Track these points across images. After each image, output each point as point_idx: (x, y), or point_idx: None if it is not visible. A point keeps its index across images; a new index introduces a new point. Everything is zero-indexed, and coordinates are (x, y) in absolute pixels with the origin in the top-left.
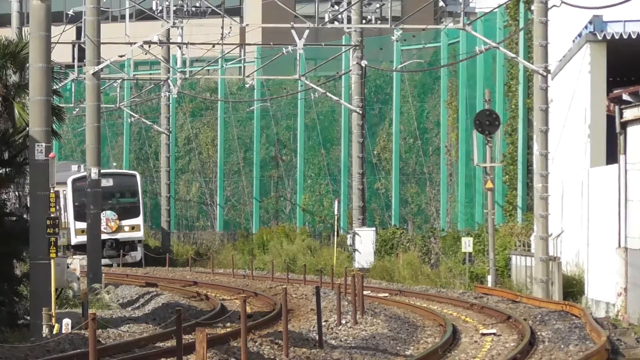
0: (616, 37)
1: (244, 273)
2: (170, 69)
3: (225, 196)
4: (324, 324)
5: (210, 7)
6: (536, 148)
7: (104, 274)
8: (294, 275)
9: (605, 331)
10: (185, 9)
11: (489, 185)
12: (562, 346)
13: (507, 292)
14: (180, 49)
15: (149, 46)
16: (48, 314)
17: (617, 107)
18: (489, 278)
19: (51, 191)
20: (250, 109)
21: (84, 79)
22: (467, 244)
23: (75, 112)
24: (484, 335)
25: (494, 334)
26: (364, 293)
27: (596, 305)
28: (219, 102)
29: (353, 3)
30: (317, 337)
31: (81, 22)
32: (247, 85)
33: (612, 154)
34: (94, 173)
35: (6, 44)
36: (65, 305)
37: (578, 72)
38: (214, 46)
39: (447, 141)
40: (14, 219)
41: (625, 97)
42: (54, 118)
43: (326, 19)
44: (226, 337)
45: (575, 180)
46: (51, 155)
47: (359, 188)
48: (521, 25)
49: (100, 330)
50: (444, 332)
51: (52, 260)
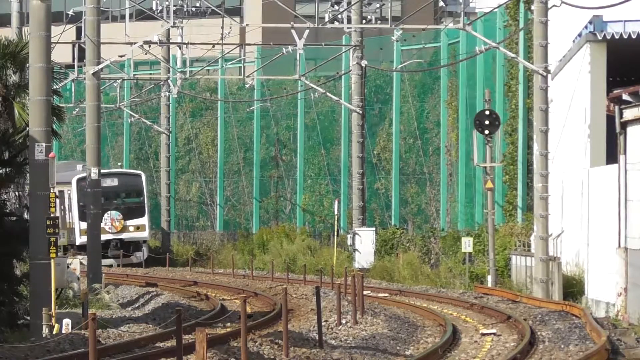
0: (616, 37)
1: (244, 273)
2: (170, 69)
3: (225, 196)
4: (324, 324)
5: (210, 7)
6: (536, 148)
7: (104, 274)
8: (294, 275)
9: (605, 331)
10: (185, 9)
11: (489, 185)
12: (562, 346)
13: (507, 292)
14: (180, 49)
15: (149, 46)
16: (48, 314)
17: (617, 107)
18: (489, 278)
19: (51, 191)
20: (250, 109)
21: (84, 79)
22: (467, 244)
23: (75, 112)
24: (484, 335)
25: (494, 334)
26: (364, 293)
27: (596, 305)
28: (219, 102)
29: (353, 3)
30: (317, 337)
31: (81, 22)
32: (247, 85)
33: (612, 154)
34: (94, 173)
35: (6, 44)
36: (65, 305)
37: (578, 72)
38: (214, 46)
39: (447, 141)
40: (14, 219)
41: (625, 97)
42: (54, 118)
43: (326, 19)
44: (226, 337)
45: (575, 180)
46: (51, 155)
47: (359, 188)
48: (521, 25)
49: (100, 330)
50: (444, 332)
51: (52, 260)
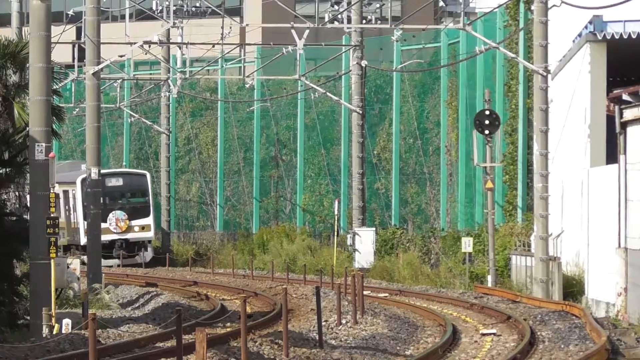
0: (616, 37)
1: (244, 273)
2: (170, 69)
3: (225, 196)
4: (324, 324)
5: (210, 7)
6: (536, 148)
7: (104, 274)
8: (294, 275)
9: (605, 331)
10: (185, 9)
11: (489, 185)
12: (562, 346)
13: (507, 292)
14: (180, 49)
15: (149, 46)
16: (48, 314)
17: (617, 107)
18: (489, 278)
19: (51, 191)
20: (250, 109)
21: (84, 79)
22: (467, 244)
23: (75, 112)
24: (484, 335)
25: (494, 334)
26: (364, 293)
27: (596, 305)
28: (219, 102)
29: (353, 3)
30: (317, 337)
31: (81, 22)
32: (247, 85)
33: (612, 154)
34: (94, 173)
35: (6, 44)
36: (65, 305)
37: (578, 72)
38: (214, 46)
39: (447, 141)
40: (14, 219)
41: (625, 97)
42: (54, 118)
43: (326, 19)
44: (226, 337)
45: (575, 180)
46: (51, 155)
47: (359, 188)
48: (521, 25)
49: (100, 330)
50: (444, 332)
51: (52, 260)
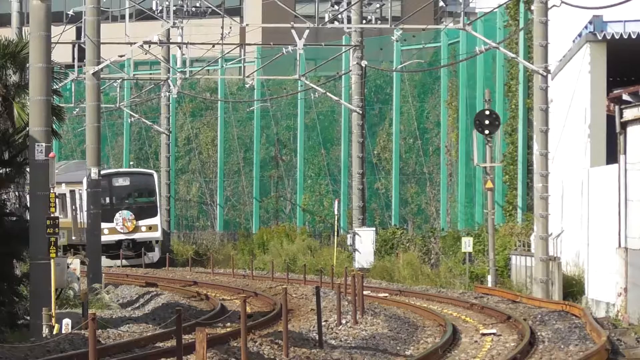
0: (616, 37)
1: (244, 273)
2: (170, 69)
3: (225, 196)
4: (324, 324)
5: (210, 7)
6: (536, 148)
7: (104, 274)
8: (294, 275)
9: (605, 331)
10: (185, 9)
11: (489, 185)
12: (562, 346)
13: (507, 292)
14: (180, 49)
15: (149, 46)
16: (48, 314)
17: (617, 107)
18: (489, 278)
19: (52, 191)
20: (250, 109)
21: (84, 79)
22: (467, 244)
23: (75, 112)
24: (484, 335)
25: (494, 334)
26: (364, 293)
27: (596, 305)
28: (219, 102)
29: (353, 3)
30: (317, 337)
31: (81, 22)
32: (247, 85)
33: (612, 154)
34: (93, 173)
35: (6, 44)
36: (65, 305)
37: (578, 72)
38: (214, 46)
39: (447, 141)
40: (14, 219)
41: (625, 97)
42: (54, 118)
43: (326, 19)
44: (226, 337)
45: (575, 180)
46: (51, 155)
47: (359, 188)
48: (521, 25)
49: (100, 330)
50: (444, 332)
51: (52, 260)
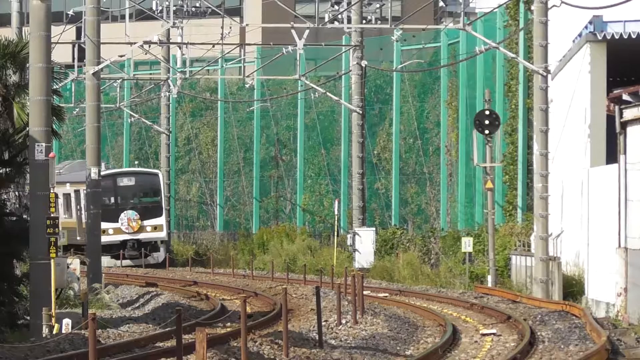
0: (616, 37)
1: (244, 273)
2: (170, 69)
3: (225, 196)
4: (324, 323)
5: (210, 7)
6: (536, 148)
7: (104, 274)
8: (294, 275)
9: (605, 331)
10: (185, 9)
11: (489, 185)
12: (562, 346)
13: (507, 292)
14: (180, 49)
15: (149, 46)
16: (48, 314)
17: (617, 107)
18: (489, 278)
19: (51, 191)
20: (250, 109)
21: (84, 79)
22: (467, 244)
23: (75, 112)
24: (484, 335)
25: (494, 334)
26: (364, 293)
27: (596, 305)
28: (219, 102)
29: (353, 3)
30: (317, 337)
31: (81, 22)
32: (247, 85)
33: (612, 154)
34: (93, 173)
35: (6, 44)
36: (65, 305)
37: (578, 72)
38: (214, 46)
39: (447, 141)
40: (14, 219)
41: (625, 97)
42: (54, 118)
43: (326, 19)
44: (226, 337)
45: (575, 180)
46: (51, 155)
47: (359, 188)
48: (521, 25)
49: (100, 330)
50: (444, 332)
51: (52, 260)
